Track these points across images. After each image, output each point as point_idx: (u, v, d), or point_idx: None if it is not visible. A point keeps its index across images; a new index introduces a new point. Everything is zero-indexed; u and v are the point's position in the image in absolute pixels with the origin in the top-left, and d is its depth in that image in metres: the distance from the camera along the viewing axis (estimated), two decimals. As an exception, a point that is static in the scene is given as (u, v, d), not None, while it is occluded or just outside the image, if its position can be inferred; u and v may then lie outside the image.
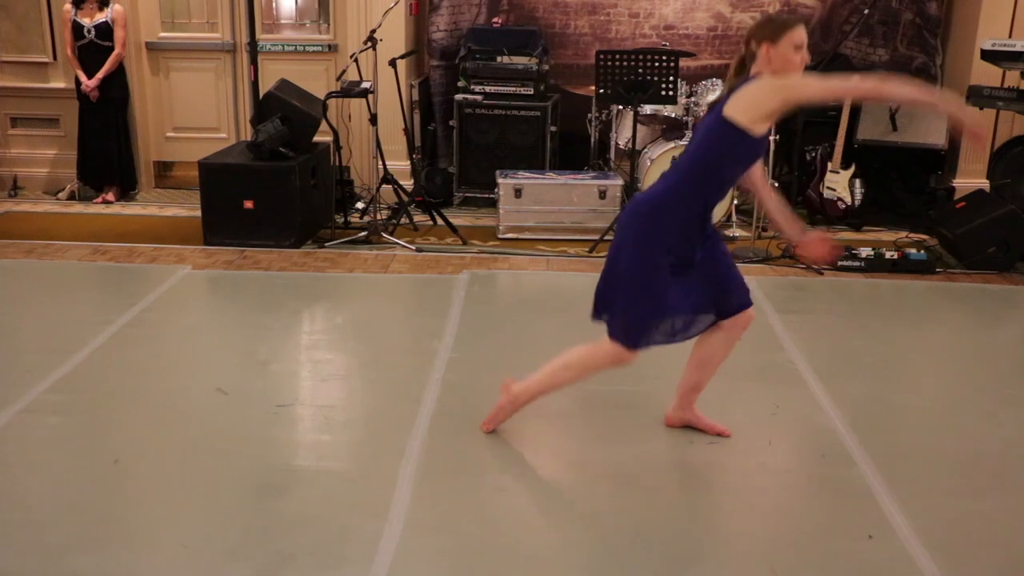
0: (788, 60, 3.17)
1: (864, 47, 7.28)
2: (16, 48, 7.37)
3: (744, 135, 3.13)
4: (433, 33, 7.36)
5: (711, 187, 3.26)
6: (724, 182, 3.30)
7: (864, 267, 5.75)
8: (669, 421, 3.76)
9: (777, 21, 3.30)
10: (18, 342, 4.56)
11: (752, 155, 3.27)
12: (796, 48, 3.18)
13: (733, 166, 3.26)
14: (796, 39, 3.17)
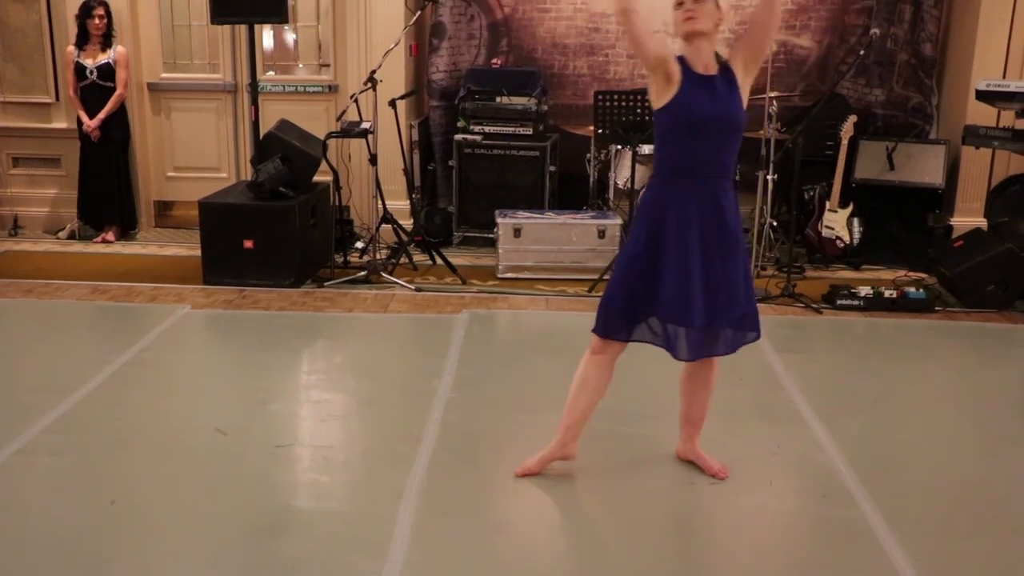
0: (676, 21, 3.28)
1: (860, 87, 7.34)
2: (19, 89, 7.42)
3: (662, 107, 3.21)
4: (433, 74, 7.41)
5: (664, 166, 3.28)
6: (673, 157, 3.25)
7: (863, 306, 5.75)
8: (679, 454, 3.76)
9: None
10: (16, 381, 4.55)
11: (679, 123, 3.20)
12: (675, 5, 3.27)
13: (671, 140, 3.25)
14: None
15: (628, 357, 4.96)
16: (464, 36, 7.48)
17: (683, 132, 3.20)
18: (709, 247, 3.22)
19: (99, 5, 6.94)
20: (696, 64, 3.24)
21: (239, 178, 7.40)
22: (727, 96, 3.21)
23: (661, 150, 3.30)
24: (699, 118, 3.17)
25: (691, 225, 3.21)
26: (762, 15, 3.35)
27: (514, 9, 7.43)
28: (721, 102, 3.20)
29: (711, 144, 3.20)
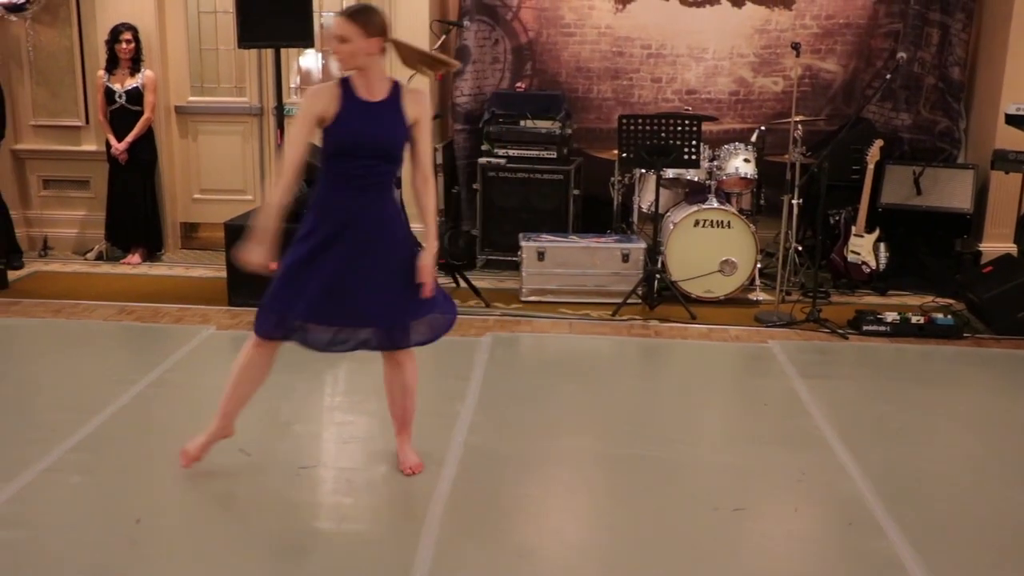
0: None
1: (887, 111, 7.31)
2: (49, 112, 7.52)
3: (325, 129, 3.45)
4: (457, 97, 7.45)
5: (325, 179, 3.52)
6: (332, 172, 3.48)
7: (890, 332, 5.70)
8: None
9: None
10: (44, 400, 4.59)
11: (337, 143, 3.42)
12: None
13: (331, 157, 3.46)
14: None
15: (651, 381, 4.97)
16: (488, 60, 7.52)
17: (341, 151, 3.41)
18: (358, 253, 3.43)
19: (127, 30, 7.03)
20: (360, 89, 3.41)
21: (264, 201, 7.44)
22: (386, 121, 3.41)
23: (323, 164, 3.50)
24: (354, 141, 3.39)
25: (342, 234, 3.42)
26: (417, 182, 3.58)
27: (538, 33, 7.47)
28: (377, 127, 3.39)
29: (366, 163, 3.40)
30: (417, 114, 3.44)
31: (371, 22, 3.35)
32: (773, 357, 5.33)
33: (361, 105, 3.41)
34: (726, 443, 4.26)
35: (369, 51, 3.35)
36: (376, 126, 3.40)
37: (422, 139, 3.46)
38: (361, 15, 3.36)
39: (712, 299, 6.34)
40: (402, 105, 3.43)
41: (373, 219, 3.46)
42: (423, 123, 3.46)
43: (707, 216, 6.32)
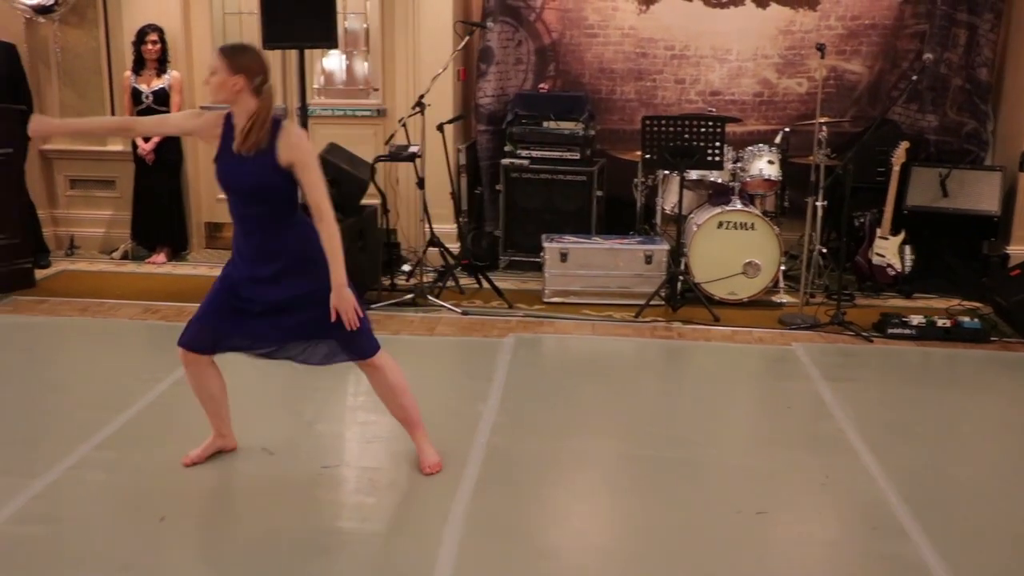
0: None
1: (913, 113, 7.26)
2: (77, 113, 7.56)
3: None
4: (480, 98, 7.46)
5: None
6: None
7: (915, 335, 5.66)
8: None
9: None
10: (70, 398, 4.62)
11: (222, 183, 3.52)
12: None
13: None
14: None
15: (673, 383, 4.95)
16: (512, 61, 7.52)
17: (223, 189, 3.54)
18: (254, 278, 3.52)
19: (153, 31, 7.08)
20: (238, 141, 3.43)
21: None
22: (250, 166, 3.41)
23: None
24: (228, 183, 3.50)
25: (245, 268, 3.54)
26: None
27: (562, 34, 7.46)
28: (249, 175, 3.43)
29: (241, 206, 3.51)
30: (290, 158, 3.39)
31: (237, 59, 3.39)
32: (797, 360, 5.31)
33: (231, 145, 3.46)
34: (749, 446, 4.24)
35: (234, 87, 3.37)
36: (240, 171, 3.43)
37: (305, 179, 3.42)
38: (230, 50, 3.44)
39: (735, 301, 6.31)
40: (275, 148, 3.40)
41: (262, 252, 3.51)
42: (300, 164, 3.40)
43: (731, 218, 6.30)
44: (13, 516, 3.45)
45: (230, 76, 3.36)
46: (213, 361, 3.74)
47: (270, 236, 3.50)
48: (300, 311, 3.53)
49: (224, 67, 3.36)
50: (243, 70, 3.36)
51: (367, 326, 3.63)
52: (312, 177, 3.41)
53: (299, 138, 3.43)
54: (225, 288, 3.60)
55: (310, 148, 3.46)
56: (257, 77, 3.38)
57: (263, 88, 3.40)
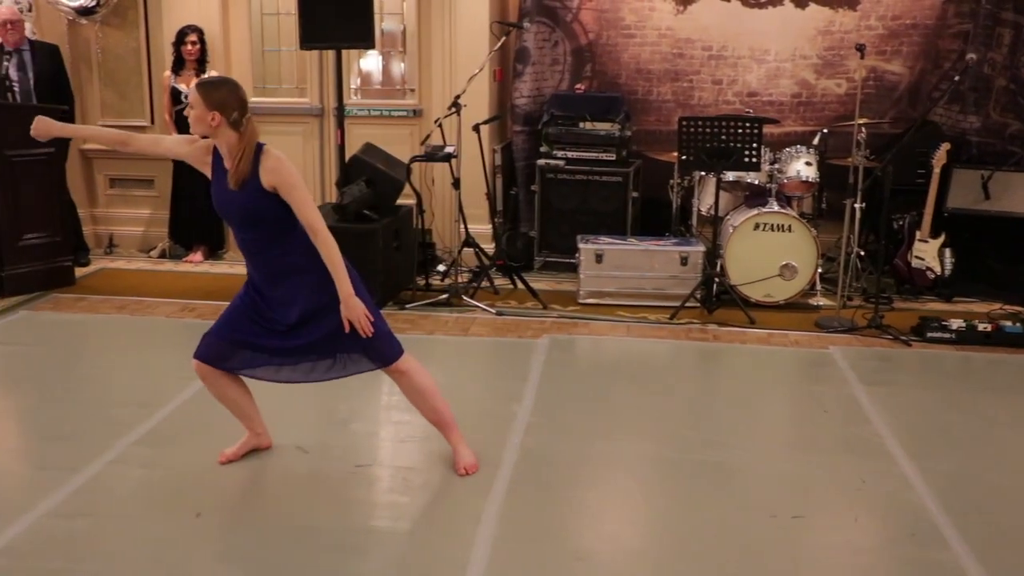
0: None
1: (955, 114, 7.16)
2: (117, 113, 7.67)
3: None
4: (516, 99, 7.45)
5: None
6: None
7: (955, 339, 5.58)
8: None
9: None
10: (109, 395, 4.68)
11: (217, 211, 3.60)
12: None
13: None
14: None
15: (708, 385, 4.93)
16: (548, 61, 7.51)
17: (219, 214, 3.62)
18: (268, 300, 3.58)
19: (193, 32, 7.16)
20: (225, 157, 3.50)
21: (324, 200, 7.51)
22: (247, 201, 3.46)
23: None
24: (218, 207, 3.56)
25: (259, 290, 3.60)
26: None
27: (598, 35, 7.44)
28: (238, 204, 3.47)
29: (236, 227, 3.59)
30: (272, 181, 3.41)
31: (212, 95, 3.41)
32: (834, 363, 5.26)
33: (223, 174, 3.51)
34: (784, 449, 4.21)
35: (211, 122, 3.41)
36: (230, 199, 3.49)
37: (291, 200, 3.43)
38: (205, 86, 3.46)
39: (772, 303, 6.26)
40: (258, 174, 3.43)
41: (278, 282, 3.56)
42: (283, 186, 3.42)
43: (767, 219, 6.25)
44: (53, 510, 3.49)
45: (206, 112, 3.40)
46: (228, 372, 3.76)
47: (273, 257, 3.54)
48: (315, 326, 3.56)
49: (200, 103, 3.41)
50: (218, 106, 3.39)
51: (385, 330, 3.64)
52: (297, 196, 3.44)
53: (277, 161, 3.44)
54: (243, 305, 3.64)
55: (290, 169, 3.46)
56: (233, 112, 3.41)
57: (242, 121, 3.43)
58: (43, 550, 3.24)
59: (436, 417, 3.85)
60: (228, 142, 3.44)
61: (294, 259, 3.52)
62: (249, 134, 3.44)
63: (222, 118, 3.39)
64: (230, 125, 3.41)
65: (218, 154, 3.52)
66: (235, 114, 3.41)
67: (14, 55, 6.74)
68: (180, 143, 3.75)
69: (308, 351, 3.62)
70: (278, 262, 3.54)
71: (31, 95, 6.78)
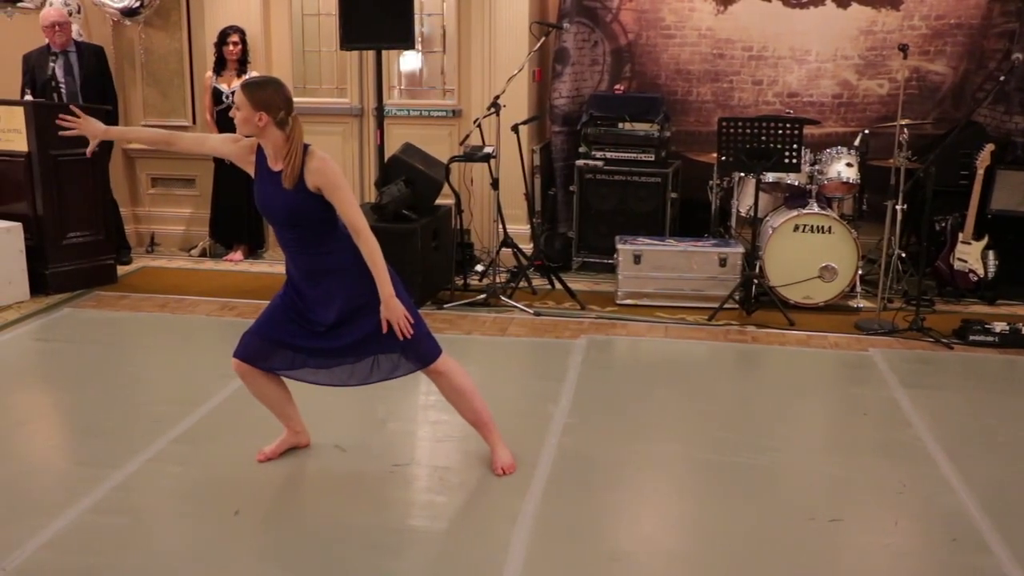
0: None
1: (999, 115, 7.06)
2: (159, 113, 7.77)
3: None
4: (555, 99, 7.45)
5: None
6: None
7: (998, 342, 5.51)
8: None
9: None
10: (149, 393, 4.73)
11: (260, 210, 3.66)
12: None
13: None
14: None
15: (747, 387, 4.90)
16: (587, 62, 7.50)
17: (262, 213, 3.67)
18: (307, 300, 3.60)
19: (235, 32, 7.23)
20: (269, 158, 3.52)
21: (363, 200, 7.55)
22: (291, 201, 3.47)
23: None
24: (261, 205, 3.60)
25: (299, 288, 3.62)
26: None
27: (638, 35, 7.42)
28: (283, 204, 3.49)
29: (278, 226, 3.60)
30: (316, 182, 3.42)
31: (257, 95, 3.42)
32: (874, 365, 5.20)
33: (267, 173, 3.54)
34: (824, 452, 4.17)
35: (258, 123, 3.42)
36: (272, 196, 3.51)
37: (335, 200, 3.44)
38: (251, 87, 3.47)
39: (811, 305, 6.21)
40: (303, 174, 3.44)
41: (317, 281, 3.58)
42: (327, 187, 3.43)
43: (807, 221, 6.20)
44: (93, 506, 3.54)
45: (253, 112, 3.42)
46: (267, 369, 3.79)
47: (314, 256, 3.56)
48: (353, 327, 3.58)
49: (246, 103, 3.42)
50: (264, 106, 3.41)
51: (424, 331, 3.65)
52: (340, 197, 3.45)
53: (322, 162, 3.46)
54: (282, 304, 3.67)
55: (335, 170, 3.47)
56: (279, 112, 3.42)
57: (288, 120, 3.45)
58: (85, 545, 3.28)
59: (474, 417, 3.86)
60: (275, 142, 3.47)
61: (335, 258, 3.54)
62: (296, 133, 3.46)
63: (268, 118, 3.42)
64: (276, 125, 3.43)
65: (262, 153, 3.55)
66: (281, 113, 3.43)
67: (61, 56, 6.84)
68: (225, 142, 3.77)
69: (346, 353, 3.64)
70: (319, 261, 3.56)
71: (77, 96, 6.88)
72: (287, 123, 3.44)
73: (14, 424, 4.34)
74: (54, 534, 3.33)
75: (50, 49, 6.83)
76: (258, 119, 3.41)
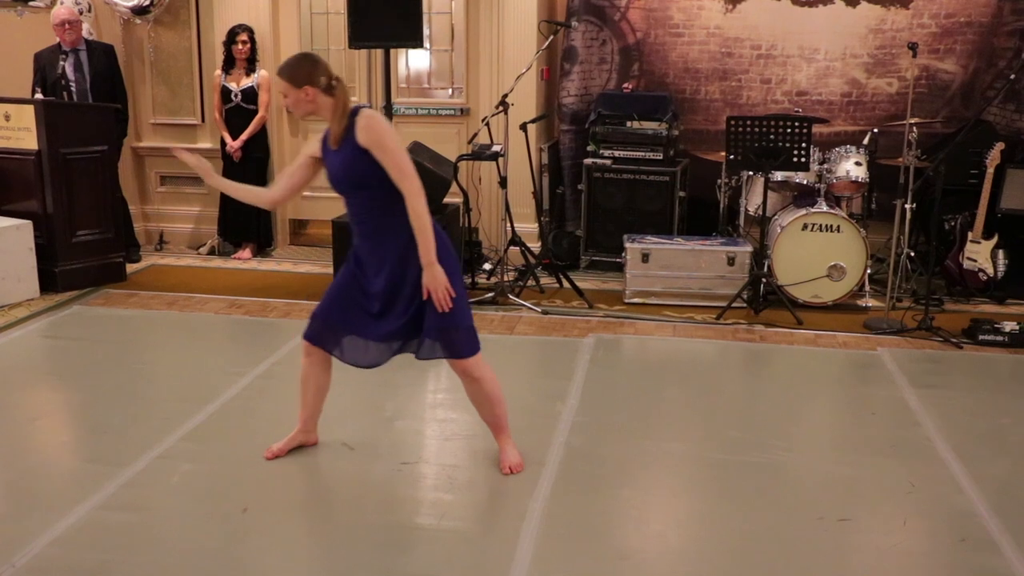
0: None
1: (1009, 113, 7.04)
2: (168, 111, 7.79)
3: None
4: (564, 98, 7.45)
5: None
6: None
7: (1007, 342, 5.49)
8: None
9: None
10: (158, 390, 4.74)
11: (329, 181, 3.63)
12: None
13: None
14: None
15: (755, 386, 4.89)
16: (596, 60, 7.50)
17: (334, 189, 3.63)
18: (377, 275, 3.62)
19: (243, 31, 7.24)
20: (330, 138, 3.56)
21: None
22: (345, 161, 3.50)
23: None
24: (331, 179, 3.60)
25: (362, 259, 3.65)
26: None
27: (646, 34, 7.41)
28: (340, 166, 3.52)
29: (349, 199, 3.61)
30: (366, 141, 3.43)
31: (295, 74, 3.47)
32: (882, 365, 5.19)
33: (329, 152, 3.59)
34: (832, 451, 4.16)
35: (307, 99, 3.48)
36: (335, 163, 3.55)
37: (384, 161, 3.43)
38: (286, 69, 3.51)
39: (820, 304, 6.20)
40: (355, 135, 3.45)
41: (376, 244, 3.60)
42: (375, 146, 3.42)
43: (816, 220, 6.19)
44: (102, 503, 3.55)
45: (299, 91, 3.47)
46: (329, 360, 3.83)
47: (379, 227, 3.56)
48: (400, 306, 3.59)
49: (288, 87, 3.47)
50: (306, 80, 3.46)
51: (467, 324, 3.63)
52: (391, 158, 3.44)
53: (371, 119, 3.46)
54: (344, 283, 3.70)
55: (385, 129, 3.46)
56: (321, 79, 3.46)
57: (332, 83, 3.48)
58: (94, 542, 3.29)
59: (494, 421, 3.86)
60: (330, 109, 3.50)
61: (397, 230, 3.52)
62: (340, 95, 3.50)
63: (315, 90, 3.46)
64: (325, 92, 3.47)
65: (324, 142, 3.59)
66: (323, 79, 3.47)
67: (71, 55, 6.87)
68: (302, 164, 3.73)
69: (395, 337, 3.64)
70: (383, 233, 3.56)
71: (87, 94, 6.91)
72: (333, 87, 3.48)
73: (24, 421, 4.35)
74: (63, 531, 3.34)
75: (61, 48, 6.85)
76: (306, 95, 3.46)
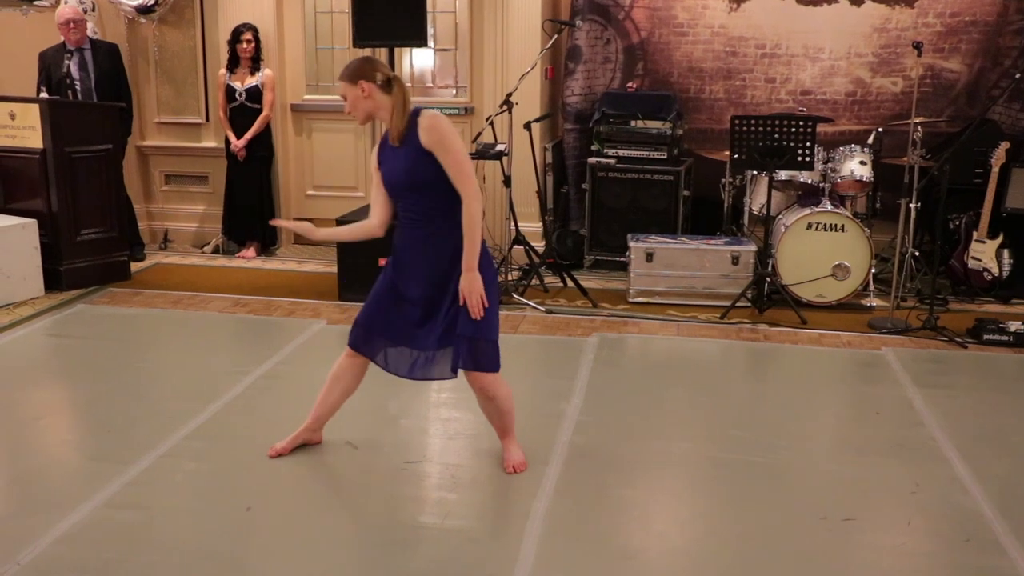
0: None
1: (1015, 112, 7.03)
2: (172, 110, 7.79)
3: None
4: (568, 97, 7.45)
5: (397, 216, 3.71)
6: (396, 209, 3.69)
7: (1013, 342, 5.48)
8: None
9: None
10: (162, 389, 4.75)
11: (385, 185, 3.63)
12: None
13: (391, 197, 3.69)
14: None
15: (759, 385, 4.88)
16: (600, 59, 7.49)
17: (388, 192, 3.63)
18: (419, 281, 3.60)
19: (248, 30, 7.24)
20: (391, 138, 3.56)
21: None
22: (406, 162, 3.49)
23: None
24: (388, 181, 3.60)
25: (405, 264, 3.63)
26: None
27: (651, 33, 7.41)
28: (401, 167, 3.51)
29: (405, 201, 3.59)
30: (427, 141, 3.43)
31: (353, 73, 3.51)
32: (887, 365, 5.18)
33: (389, 145, 3.58)
34: (836, 451, 4.16)
35: (366, 96, 3.50)
36: (395, 162, 3.54)
37: (444, 161, 3.44)
38: (343, 71, 3.54)
39: (824, 304, 6.20)
40: (417, 135, 3.46)
41: (426, 248, 3.57)
42: (438, 147, 3.42)
43: (820, 219, 6.18)
44: (106, 501, 3.55)
45: (354, 88, 3.49)
46: (367, 366, 3.83)
47: (431, 231, 3.55)
48: (448, 309, 3.57)
49: (346, 85, 3.51)
50: (362, 77, 3.49)
51: (495, 338, 3.61)
52: (453, 159, 3.44)
53: (434, 119, 3.47)
54: (382, 290, 3.69)
55: (448, 129, 3.46)
56: (377, 75, 3.50)
57: (391, 81, 3.51)
58: (99, 540, 3.29)
59: (502, 428, 3.87)
60: (389, 107, 3.52)
61: (448, 225, 3.51)
62: (399, 92, 3.51)
63: (371, 85, 3.48)
64: (382, 88, 3.50)
65: (386, 135, 3.59)
66: (378, 75, 3.49)
67: (75, 54, 6.87)
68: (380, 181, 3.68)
69: (434, 345, 3.63)
70: (437, 237, 3.54)
71: (92, 93, 6.91)
72: (391, 84, 3.51)
73: (28, 420, 4.36)
74: (68, 529, 3.35)
75: (65, 47, 6.86)
76: (362, 90, 3.49)
